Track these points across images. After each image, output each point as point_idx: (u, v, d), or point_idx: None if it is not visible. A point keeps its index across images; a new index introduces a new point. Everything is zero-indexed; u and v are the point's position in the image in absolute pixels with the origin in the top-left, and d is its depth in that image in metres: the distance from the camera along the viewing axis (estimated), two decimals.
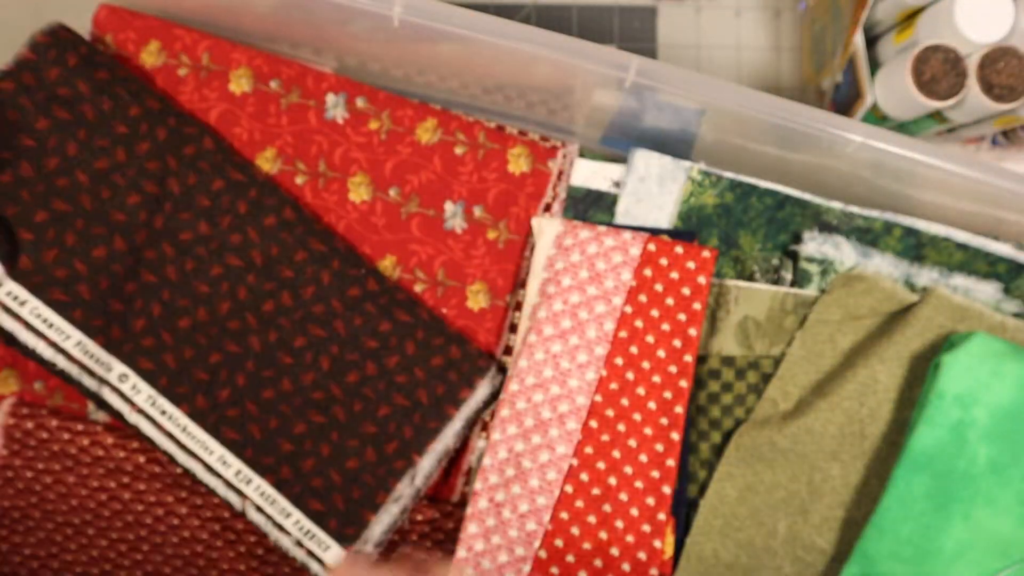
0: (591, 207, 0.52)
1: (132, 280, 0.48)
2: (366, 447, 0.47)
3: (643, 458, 0.47)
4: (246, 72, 0.51)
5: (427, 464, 0.47)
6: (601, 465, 0.47)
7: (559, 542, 0.47)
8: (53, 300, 0.46)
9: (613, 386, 0.48)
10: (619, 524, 0.47)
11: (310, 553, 0.47)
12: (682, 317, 0.47)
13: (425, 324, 0.48)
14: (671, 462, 0.46)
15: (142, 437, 0.48)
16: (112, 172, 0.48)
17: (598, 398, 0.48)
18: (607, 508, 0.47)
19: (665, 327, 0.47)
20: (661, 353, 0.47)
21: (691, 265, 0.47)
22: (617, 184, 0.52)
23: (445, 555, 0.50)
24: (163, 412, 0.47)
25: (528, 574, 0.47)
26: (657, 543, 0.46)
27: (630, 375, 0.48)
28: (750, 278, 0.51)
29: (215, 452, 0.47)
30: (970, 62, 0.49)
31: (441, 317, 0.50)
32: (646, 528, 0.46)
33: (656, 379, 0.47)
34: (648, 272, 0.48)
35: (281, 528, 0.47)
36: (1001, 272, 0.50)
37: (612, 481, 0.47)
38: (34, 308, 0.46)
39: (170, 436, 0.47)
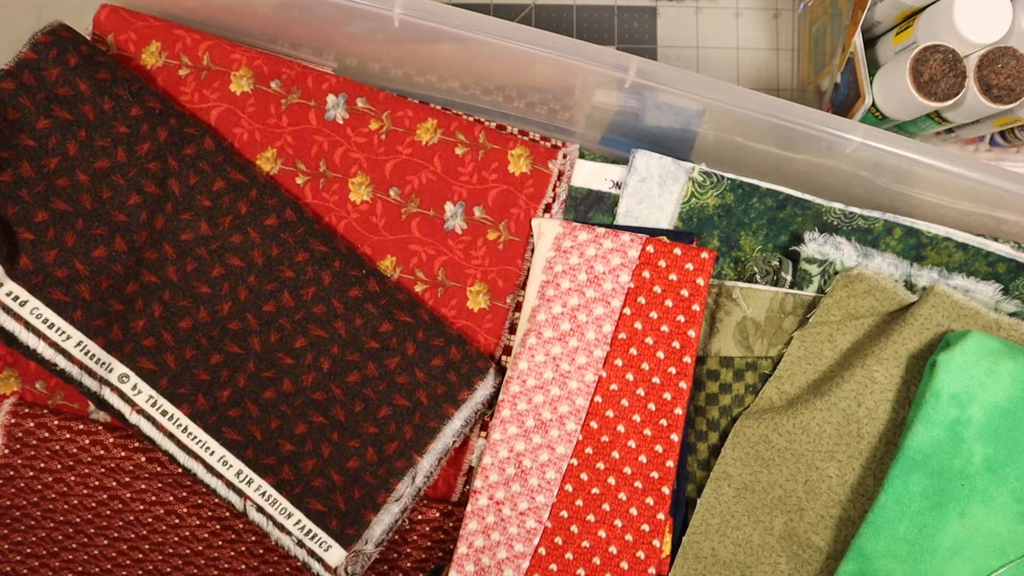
0: (592, 208, 0.52)
1: (133, 280, 0.48)
2: (367, 447, 0.48)
3: (643, 459, 0.47)
4: (247, 72, 0.51)
5: (427, 463, 0.48)
6: (601, 465, 0.48)
7: (558, 540, 0.47)
8: (53, 300, 0.46)
9: (613, 387, 0.48)
10: (618, 523, 0.47)
11: (311, 553, 0.47)
12: (681, 319, 0.47)
13: (426, 325, 0.48)
14: (670, 463, 0.47)
15: (143, 437, 0.48)
16: (113, 172, 0.48)
17: (598, 399, 0.48)
18: (606, 507, 0.47)
19: (664, 328, 0.48)
20: (660, 354, 0.48)
21: (690, 267, 0.48)
22: (618, 185, 0.52)
23: (445, 553, 0.50)
24: (164, 412, 0.47)
25: (527, 571, 0.47)
26: (656, 542, 0.47)
27: (630, 376, 0.48)
28: (751, 279, 0.51)
29: (216, 452, 0.47)
30: (969, 63, 0.49)
31: (441, 317, 0.50)
32: (645, 527, 0.47)
33: (656, 380, 0.47)
34: (647, 274, 0.48)
35: (282, 528, 0.47)
36: (1001, 272, 0.50)
37: (611, 481, 0.47)
38: (34, 308, 0.46)
39: (171, 436, 0.47)
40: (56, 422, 0.49)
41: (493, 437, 0.48)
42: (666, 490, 0.47)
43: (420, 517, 0.50)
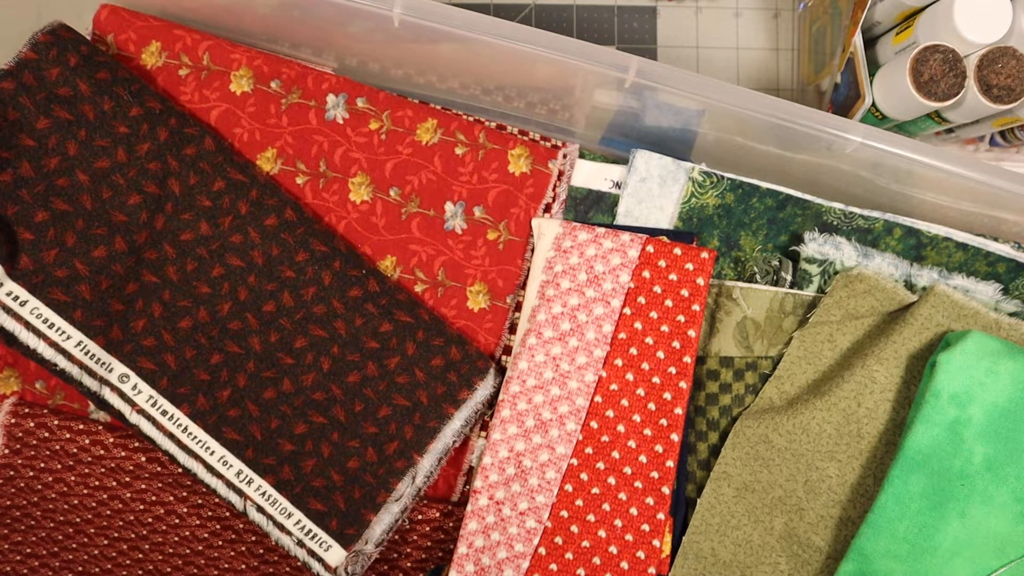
0: (592, 208, 0.52)
1: (133, 280, 0.48)
2: (367, 447, 0.48)
3: (643, 459, 0.47)
4: (247, 72, 0.51)
5: (427, 463, 0.48)
6: (601, 465, 0.48)
7: (558, 540, 0.47)
8: (53, 300, 0.46)
9: (613, 387, 0.48)
10: (618, 523, 0.47)
11: (311, 553, 0.47)
12: (681, 318, 0.47)
13: (426, 325, 0.49)
14: (670, 463, 0.47)
15: (143, 437, 0.48)
16: (113, 172, 0.48)
17: (598, 399, 0.48)
18: (606, 507, 0.47)
19: (664, 328, 0.48)
20: (660, 354, 0.48)
21: (690, 266, 0.48)
22: (618, 185, 0.52)
23: (445, 553, 0.50)
24: (164, 412, 0.47)
25: (527, 571, 0.47)
26: (656, 542, 0.47)
27: (630, 376, 0.48)
28: (750, 279, 0.51)
29: (216, 452, 0.47)
30: (969, 63, 0.49)
31: (441, 317, 0.50)
32: (645, 527, 0.47)
33: (656, 380, 0.47)
34: (647, 274, 0.48)
35: (282, 528, 0.47)
36: (1001, 272, 0.50)
37: (611, 481, 0.47)
38: (34, 308, 0.46)
39: (171, 436, 0.47)
40: (56, 422, 0.49)
41: (493, 437, 0.48)
42: (666, 490, 0.47)
43: (420, 517, 0.50)
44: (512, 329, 0.51)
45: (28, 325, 0.46)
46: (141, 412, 0.47)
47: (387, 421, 0.48)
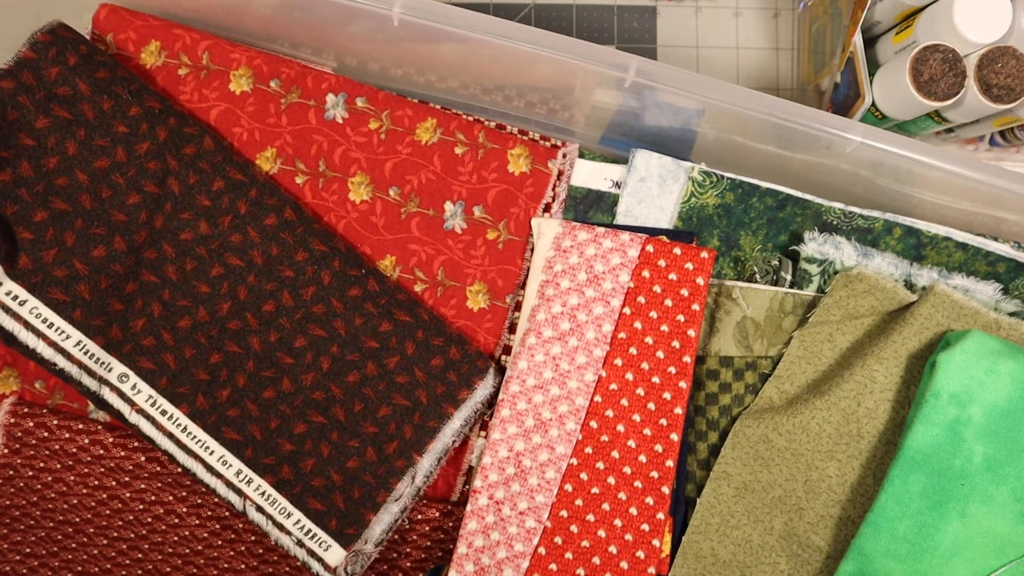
0: (591, 207, 0.52)
1: (132, 280, 0.48)
2: (366, 447, 0.48)
3: (642, 458, 0.47)
4: (246, 72, 0.51)
5: (427, 463, 0.48)
6: (600, 465, 0.48)
7: (558, 539, 0.47)
8: (53, 300, 0.46)
9: (613, 387, 0.48)
10: (618, 523, 0.47)
11: (311, 552, 0.47)
12: (681, 318, 0.47)
13: (425, 324, 0.48)
14: (670, 463, 0.47)
15: (142, 437, 0.48)
16: (112, 172, 0.48)
17: (598, 399, 0.48)
18: (606, 507, 0.47)
19: (664, 328, 0.48)
20: (660, 354, 0.48)
21: (689, 266, 0.48)
22: (617, 184, 0.52)
23: (445, 553, 0.50)
24: (163, 412, 0.47)
25: (527, 571, 0.47)
26: (655, 542, 0.47)
27: (630, 376, 0.48)
28: (750, 279, 0.51)
29: (215, 452, 0.47)
30: (968, 62, 0.49)
31: (441, 317, 0.50)
32: (645, 527, 0.47)
33: (655, 380, 0.47)
34: (646, 274, 0.48)
35: (282, 528, 0.47)
36: (1000, 272, 0.50)
37: (611, 480, 0.47)
38: (34, 308, 0.46)
39: (170, 436, 0.47)
40: (55, 422, 0.49)
41: (493, 437, 0.48)
42: (666, 490, 0.47)
43: (420, 517, 0.50)
44: (512, 329, 0.51)
45: (27, 325, 0.46)
46: (140, 412, 0.47)
47: (387, 421, 0.48)
